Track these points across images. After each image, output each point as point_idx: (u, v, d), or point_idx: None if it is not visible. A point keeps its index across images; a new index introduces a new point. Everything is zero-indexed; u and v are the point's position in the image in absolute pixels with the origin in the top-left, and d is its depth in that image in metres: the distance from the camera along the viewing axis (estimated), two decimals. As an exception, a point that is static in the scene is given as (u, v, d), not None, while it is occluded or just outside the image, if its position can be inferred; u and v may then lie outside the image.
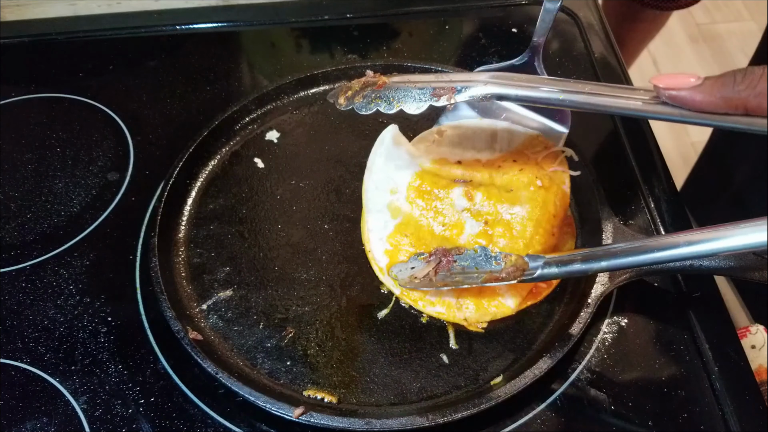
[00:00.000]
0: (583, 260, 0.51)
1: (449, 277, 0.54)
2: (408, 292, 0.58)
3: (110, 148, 0.72)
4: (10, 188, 0.69)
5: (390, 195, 0.61)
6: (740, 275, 0.54)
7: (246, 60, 0.83)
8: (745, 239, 0.43)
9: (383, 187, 0.61)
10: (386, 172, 0.62)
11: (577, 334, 0.53)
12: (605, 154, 0.70)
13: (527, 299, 0.57)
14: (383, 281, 0.59)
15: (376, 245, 0.60)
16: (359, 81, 0.55)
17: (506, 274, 0.53)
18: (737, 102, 0.42)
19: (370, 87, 0.54)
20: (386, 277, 0.59)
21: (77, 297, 0.60)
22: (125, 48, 0.83)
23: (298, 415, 0.50)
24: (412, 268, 0.56)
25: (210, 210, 0.65)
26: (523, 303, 0.57)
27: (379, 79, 0.54)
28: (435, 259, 0.55)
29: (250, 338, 0.56)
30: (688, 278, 0.60)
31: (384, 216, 0.61)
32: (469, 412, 0.50)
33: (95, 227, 0.65)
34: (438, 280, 0.55)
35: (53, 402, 0.53)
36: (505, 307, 0.56)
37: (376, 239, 0.60)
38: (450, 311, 0.56)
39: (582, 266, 0.51)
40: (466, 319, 0.56)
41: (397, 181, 0.61)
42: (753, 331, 0.62)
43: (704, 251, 0.45)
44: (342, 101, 0.55)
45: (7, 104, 0.77)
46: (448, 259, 0.55)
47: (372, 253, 0.60)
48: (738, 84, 0.42)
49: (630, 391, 0.53)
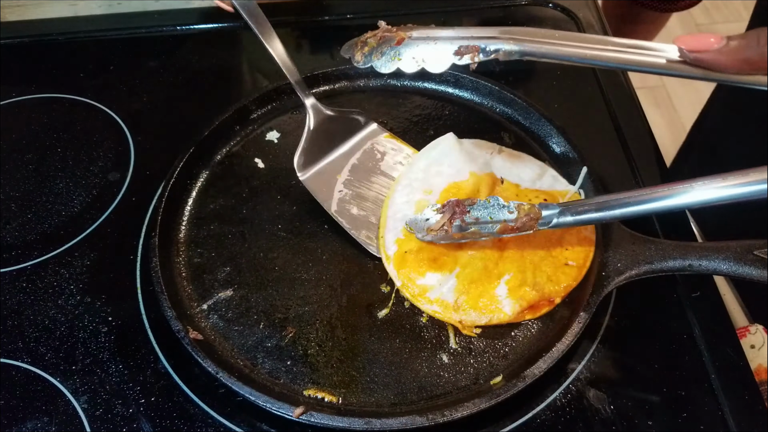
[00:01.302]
0: (597, 209, 0.51)
1: (465, 228, 0.54)
2: (408, 285, 0.58)
3: (111, 148, 0.72)
4: (11, 188, 0.69)
5: (422, 194, 0.62)
6: (740, 275, 0.54)
7: (246, 60, 0.83)
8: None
9: (417, 186, 0.63)
10: (425, 175, 0.63)
11: (577, 334, 0.53)
12: (604, 152, 0.70)
13: (526, 312, 0.56)
14: (387, 269, 0.59)
15: (390, 232, 0.60)
16: (374, 35, 0.52)
17: (521, 224, 0.52)
18: (759, 63, 0.43)
19: (389, 44, 0.51)
20: (390, 265, 0.59)
21: (78, 297, 0.60)
22: (125, 48, 0.83)
23: (298, 414, 0.50)
24: (426, 220, 0.55)
25: (210, 210, 0.65)
26: (521, 314, 0.56)
27: (397, 34, 0.51)
28: (449, 209, 0.55)
29: (251, 338, 0.56)
30: (687, 278, 0.60)
31: (409, 209, 0.61)
32: (469, 412, 0.50)
33: (96, 227, 0.65)
34: (454, 232, 0.54)
35: (54, 401, 0.54)
36: (503, 313, 0.56)
37: (393, 226, 0.61)
38: (447, 311, 0.56)
39: (596, 215, 0.51)
40: (461, 321, 0.56)
41: (434, 182, 0.63)
42: (752, 330, 0.62)
43: (718, 197, 0.45)
44: (359, 58, 0.52)
45: (7, 104, 0.77)
46: (462, 209, 0.54)
47: (384, 239, 0.60)
48: (762, 46, 0.42)
49: (630, 391, 0.54)
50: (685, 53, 0.45)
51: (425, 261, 0.58)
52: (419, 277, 0.58)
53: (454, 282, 0.57)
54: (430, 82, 0.75)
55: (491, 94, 0.73)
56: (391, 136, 0.69)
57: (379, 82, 0.76)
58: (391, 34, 0.51)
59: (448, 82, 0.74)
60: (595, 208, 0.52)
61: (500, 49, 0.49)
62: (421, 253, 0.59)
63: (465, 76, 0.73)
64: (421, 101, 0.74)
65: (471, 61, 0.49)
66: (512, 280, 0.57)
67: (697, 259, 0.55)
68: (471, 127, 0.71)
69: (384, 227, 0.61)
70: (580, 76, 0.78)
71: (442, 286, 0.57)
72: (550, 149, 0.69)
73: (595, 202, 0.52)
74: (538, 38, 0.50)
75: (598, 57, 0.49)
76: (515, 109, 0.72)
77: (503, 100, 0.72)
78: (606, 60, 0.49)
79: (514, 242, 0.58)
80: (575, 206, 0.53)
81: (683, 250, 0.56)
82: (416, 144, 0.69)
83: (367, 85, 0.76)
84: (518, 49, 0.49)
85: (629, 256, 0.56)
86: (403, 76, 0.75)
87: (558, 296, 0.57)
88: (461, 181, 0.63)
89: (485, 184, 0.62)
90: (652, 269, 0.56)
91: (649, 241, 0.57)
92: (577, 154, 0.65)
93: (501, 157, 0.66)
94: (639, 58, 0.48)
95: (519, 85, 0.76)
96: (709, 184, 0.46)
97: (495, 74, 0.77)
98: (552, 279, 0.57)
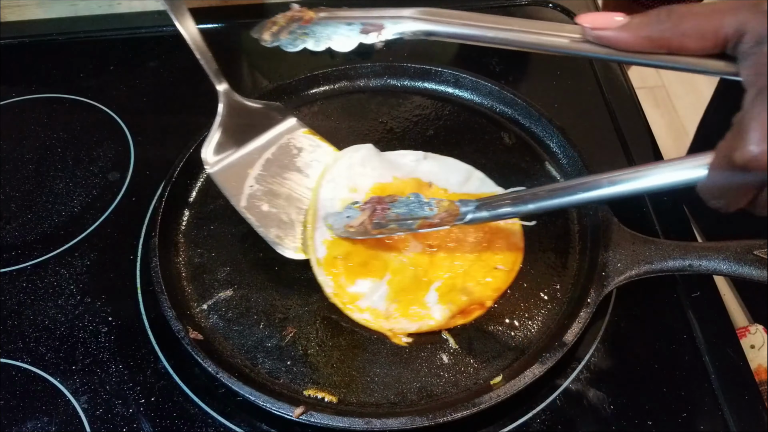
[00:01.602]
0: (512, 203, 0.52)
1: (384, 225, 0.54)
2: (339, 293, 0.57)
3: (111, 148, 0.72)
4: (11, 188, 0.69)
5: (348, 192, 0.62)
6: (740, 275, 0.54)
7: (246, 60, 0.83)
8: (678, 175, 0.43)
9: (342, 184, 0.62)
10: (348, 174, 0.63)
11: (577, 334, 0.53)
12: (604, 152, 0.70)
13: (456, 317, 0.56)
14: (316, 273, 0.58)
15: (318, 231, 0.60)
16: (284, 15, 0.53)
17: (439, 219, 0.53)
18: (661, 41, 0.43)
19: (297, 23, 0.51)
20: (320, 269, 0.58)
21: (78, 297, 0.60)
22: (125, 48, 0.83)
23: (298, 414, 0.50)
24: (347, 217, 0.55)
25: (210, 210, 0.65)
26: (452, 320, 0.56)
27: (305, 14, 0.52)
28: (370, 207, 0.55)
29: (251, 338, 0.56)
30: (687, 278, 0.60)
31: (333, 206, 0.61)
32: (469, 412, 0.50)
33: (96, 227, 0.65)
34: (373, 229, 0.54)
35: (54, 402, 0.54)
36: (432, 320, 0.55)
37: (320, 226, 0.60)
38: (378, 319, 0.56)
39: (511, 209, 0.52)
40: (391, 330, 0.56)
41: (359, 182, 0.62)
42: (752, 330, 0.62)
43: (630, 190, 0.45)
44: (267, 37, 0.52)
45: (7, 104, 0.77)
46: (383, 206, 0.55)
47: (313, 241, 0.59)
48: (662, 23, 0.43)
49: (630, 391, 0.54)
50: (588, 31, 0.45)
51: (356, 266, 0.58)
52: (350, 284, 0.57)
53: (386, 290, 0.57)
54: (430, 82, 0.75)
55: (491, 94, 0.73)
56: (310, 132, 0.67)
57: (379, 82, 0.76)
58: (299, 13, 0.52)
59: (448, 82, 0.74)
60: (510, 203, 0.52)
61: (404, 30, 0.49)
62: (351, 258, 0.58)
63: (465, 76, 0.73)
64: (421, 101, 0.74)
65: (376, 39, 0.49)
66: (442, 287, 0.57)
67: (697, 259, 0.55)
68: (471, 127, 0.71)
69: (312, 227, 0.60)
70: (580, 76, 0.78)
71: (373, 294, 0.57)
72: (550, 149, 0.69)
73: (510, 197, 0.52)
74: (449, 18, 0.50)
75: (499, 39, 0.49)
76: (515, 109, 0.72)
77: (503, 100, 0.72)
78: (507, 41, 0.49)
79: (445, 248, 0.59)
80: (491, 201, 0.53)
81: (683, 250, 0.56)
82: (416, 144, 0.69)
83: (367, 85, 0.76)
84: (423, 28, 0.49)
85: (629, 256, 0.56)
86: (403, 75, 0.75)
87: (489, 300, 0.57)
88: (386, 182, 0.63)
89: (410, 187, 0.63)
90: (652, 269, 0.56)
91: (649, 241, 0.57)
92: (577, 154, 0.65)
93: (427, 163, 0.66)
94: (541, 39, 0.48)
95: (519, 85, 0.76)
96: (623, 174, 0.45)
97: (495, 74, 0.77)
98: (482, 283, 0.57)
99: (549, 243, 0.62)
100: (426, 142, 0.70)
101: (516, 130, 0.71)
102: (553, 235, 0.62)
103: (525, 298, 0.58)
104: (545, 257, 0.61)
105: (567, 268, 0.60)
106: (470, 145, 0.69)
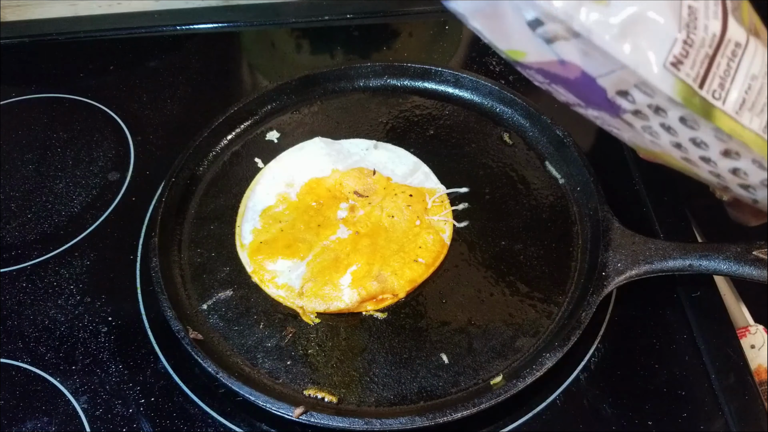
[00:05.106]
0: None
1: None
2: (258, 270, 0.59)
3: (111, 148, 0.72)
4: (11, 188, 0.69)
5: (285, 187, 0.65)
6: (740, 275, 0.54)
7: (246, 60, 0.83)
8: None
9: (280, 179, 0.66)
10: (289, 168, 0.66)
11: (577, 334, 0.53)
12: (604, 152, 0.70)
13: (367, 302, 0.58)
14: (240, 256, 0.61)
15: (248, 222, 0.63)
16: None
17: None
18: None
19: None
20: (244, 252, 0.61)
21: (78, 297, 0.60)
22: (125, 48, 0.83)
23: (298, 414, 0.50)
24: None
25: (210, 210, 0.65)
26: (362, 304, 0.57)
27: None
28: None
29: (251, 338, 0.56)
30: (687, 278, 0.60)
31: (269, 200, 0.64)
32: (469, 412, 0.50)
33: (96, 227, 0.65)
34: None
35: (54, 402, 0.54)
36: (341, 302, 0.57)
37: (251, 217, 0.63)
38: (291, 296, 0.58)
39: None
40: (302, 307, 0.57)
41: (296, 177, 0.65)
42: (752, 331, 0.62)
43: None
44: None
45: (7, 104, 0.77)
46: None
47: (240, 228, 0.62)
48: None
49: (630, 391, 0.54)
50: None
51: (279, 248, 0.60)
52: (270, 262, 0.60)
53: (304, 269, 0.59)
54: (430, 82, 0.75)
55: (491, 94, 0.73)
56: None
57: (379, 82, 0.76)
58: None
59: (448, 82, 0.74)
60: None
61: None
62: (275, 243, 0.61)
63: (465, 76, 0.73)
64: (421, 101, 0.74)
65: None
66: (358, 271, 0.58)
67: (697, 259, 0.55)
68: (471, 127, 0.71)
69: (242, 217, 0.64)
70: (580, 76, 0.78)
71: (292, 272, 0.59)
72: (550, 149, 0.69)
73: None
74: None
75: None
76: (515, 109, 0.72)
77: (503, 100, 0.72)
78: None
79: (370, 236, 0.61)
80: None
81: (683, 250, 0.56)
82: (416, 144, 0.69)
83: (367, 85, 0.76)
84: None
85: (629, 256, 0.56)
86: (403, 75, 0.75)
87: (402, 290, 0.58)
88: (323, 177, 0.66)
89: (351, 178, 0.65)
90: (652, 269, 0.56)
91: (649, 241, 0.57)
92: (577, 154, 0.65)
93: (378, 152, 0.68)
94: None
95: (519, 85, 0.75)
96: None
97: (495, 74, 0.77)
98: (397, 273, 0.58)
99: (549, 243, 0.62)
100: (426, 142, 0.70)
101: (516, 130, 0.71)
102: (553, 235, 0.62)
103: (524, 298, 0.58)
104: (545, 257, 0.61)
105: (567, 268, 0.60)
106: (470, 145, 0.70)
